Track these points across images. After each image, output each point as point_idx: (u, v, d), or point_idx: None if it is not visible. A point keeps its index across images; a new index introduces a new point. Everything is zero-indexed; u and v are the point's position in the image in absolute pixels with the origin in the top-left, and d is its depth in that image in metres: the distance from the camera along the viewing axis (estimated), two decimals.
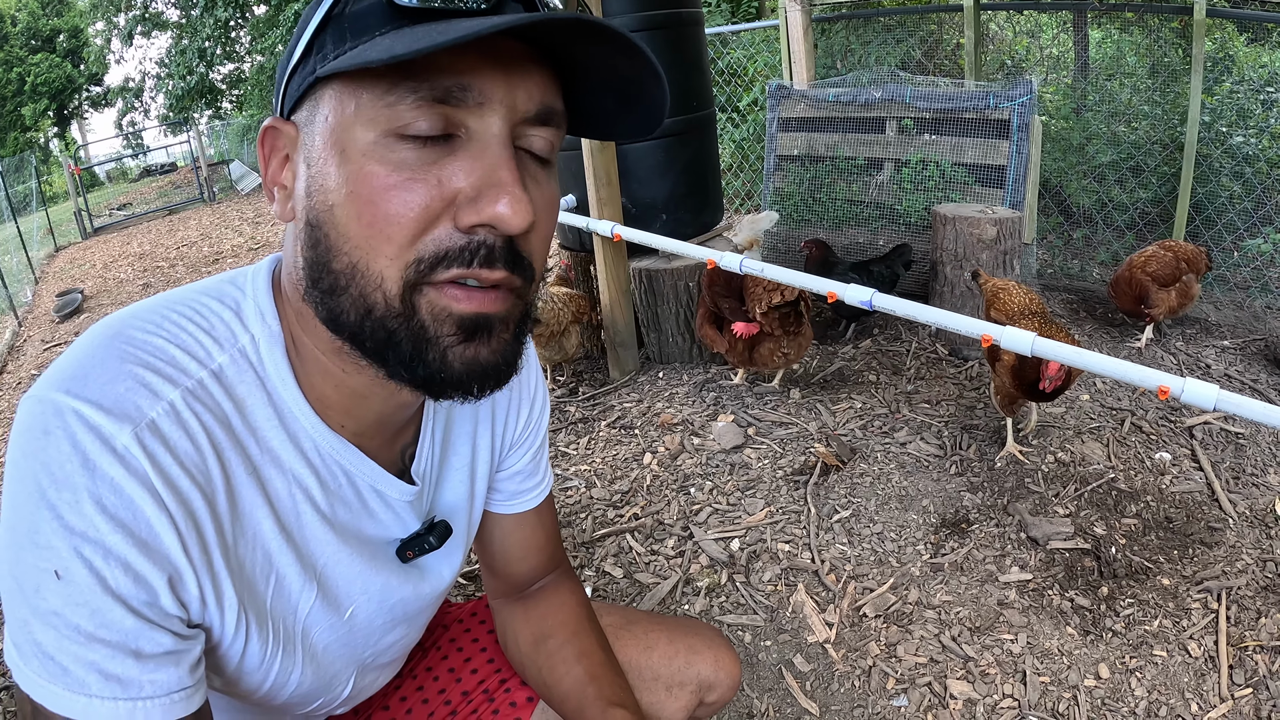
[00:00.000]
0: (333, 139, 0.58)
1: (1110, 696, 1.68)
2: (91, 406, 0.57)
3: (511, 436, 0.93)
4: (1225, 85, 4.14)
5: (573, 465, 2.73)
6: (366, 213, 0.56)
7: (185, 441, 0.60)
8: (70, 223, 12.67)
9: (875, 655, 1.83)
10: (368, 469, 0.74)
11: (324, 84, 0.59)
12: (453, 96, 0.55)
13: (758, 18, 7.62)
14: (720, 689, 1.11)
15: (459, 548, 0.90)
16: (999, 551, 2.10)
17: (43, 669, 0.56)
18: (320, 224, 0.59)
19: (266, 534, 0.67)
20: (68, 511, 0.55)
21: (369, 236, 0.57)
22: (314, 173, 0.59)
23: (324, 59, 0.58)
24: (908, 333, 3.46)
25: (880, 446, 2.61)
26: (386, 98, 0.55)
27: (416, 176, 0.56)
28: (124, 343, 0.61)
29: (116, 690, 0.56)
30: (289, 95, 0.62)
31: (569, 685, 0.94)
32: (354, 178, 0.57)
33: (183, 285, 0.71)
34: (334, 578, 0.75)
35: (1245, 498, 2.24)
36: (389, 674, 0.97)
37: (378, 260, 0.57)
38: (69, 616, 0.55)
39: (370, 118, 0.56)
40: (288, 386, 0.67)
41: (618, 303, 3.21)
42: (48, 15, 22.24)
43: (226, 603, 0.64)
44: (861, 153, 4.15)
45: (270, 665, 0.71)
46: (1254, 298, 3.65)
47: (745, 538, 2.25)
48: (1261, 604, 1.86)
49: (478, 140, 0.57)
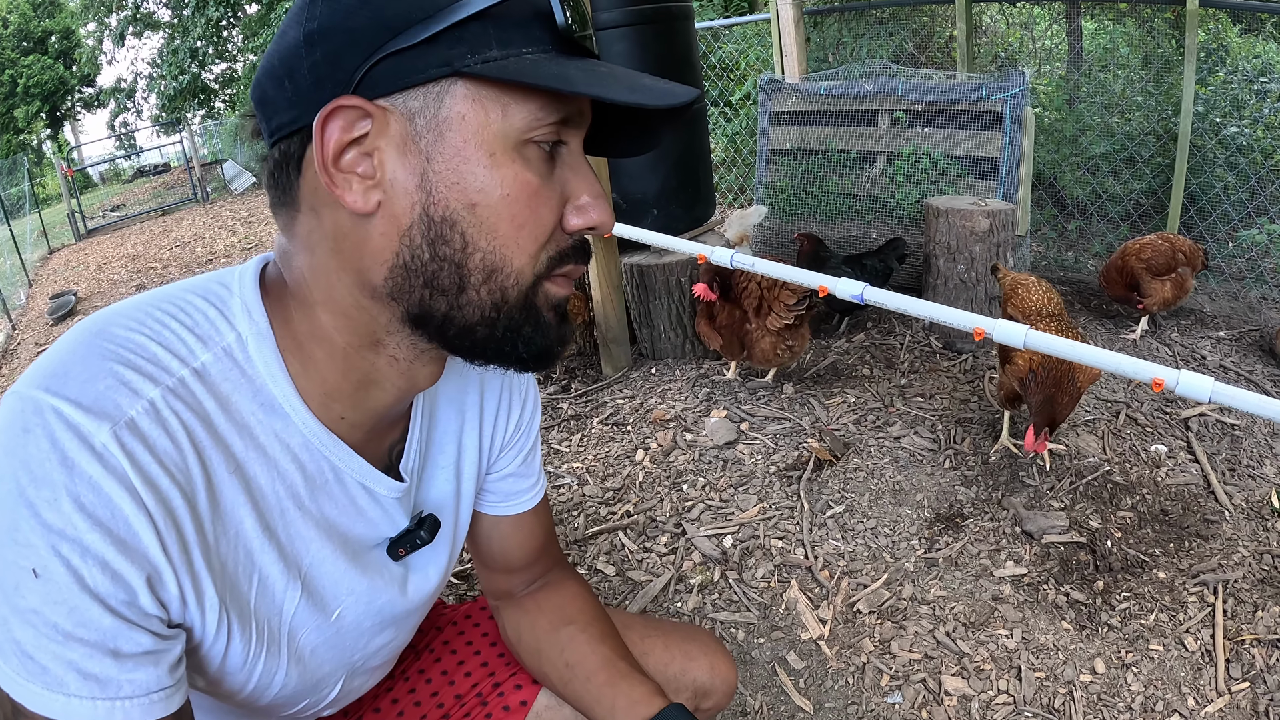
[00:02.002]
0: (477, 139, 0.59)
1: (1106, 691, 1.66)
2: (70, 404, 0.56)
3: (501, 439, 0.93)
4: (1219, 76, 4.13)
5: (565, 463, 2.71)
6: (521, 214, 0.61)
7: (165, 440, 0.59)
8: (63, 225, 12.64)
9: (869, 651, 1.81)
10: (356, 464, 0.73)
11: (456, 79, 0.58)
12: (573, 120, 0.63)
13: (749, 11, 7.61)
14: (716, 695, 1.10)
15: (446, 546, 0.89)
16: (994, 546, 2.08)
17: (21, 667, 0.55)
18: (454, 221, 0.60)
19: (249, 532, 0.66)
20: (46, 509, 0.54)
21: (517, 236, 0.62)
22: (446, 168, 0.59)
23: (463, 55, 0.57)
24: (901, 326, 3.44)
25: (874, 441, 2.59)
26: (539, 113, 0.60)
27: (551, 185, 0.63)
28: (105, 340, 0.61)
29: (95, 689, 0.56)
30: (385, 76, 0.57)
31: (597, 661, 0.94)
32: (510, 180, 0.60)
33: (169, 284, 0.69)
34: (319, 577, 0.74)
35: (1241, 490, 2.23)
36: (377, 677, 0.97)
37: (519, 257, 0.62)
38: (47, 615, 0.55)
39: (518, 127, 0.59)
40: (277, 382, 0.66)
41: (609, 299, 3.19)
42: (39, 17, 22.15)
43: (207, 602, 0.63)
44: (854, 146, 4.13)
45: (254, 666, 0.71)
46: (1249, 289, 3.65)
47: (738, 534, 2.23)
48: (1258, 597, 1.85)
49: (571, 156, 0.65)
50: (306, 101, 0.59)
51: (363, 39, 0.57)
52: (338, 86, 0.58)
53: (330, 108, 0.57)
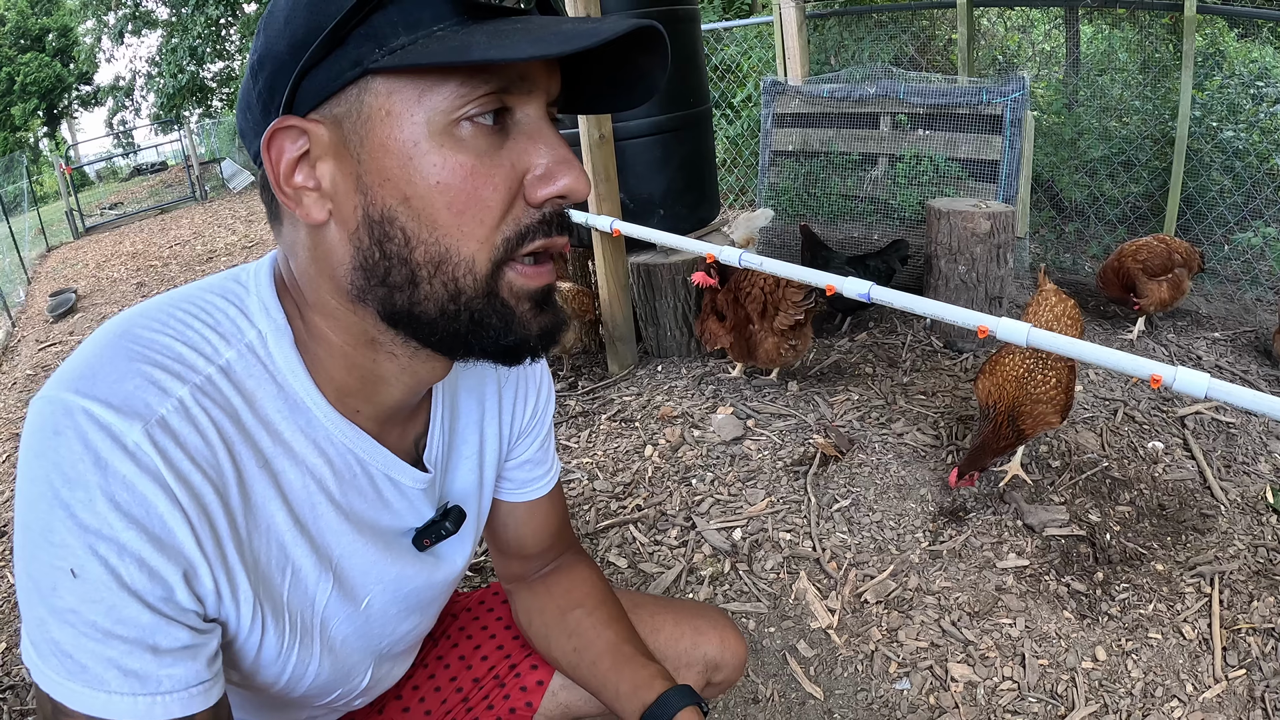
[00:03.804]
0: (399, 131, 0.58)
1: (1107, 678, 1.71)
2: (101, 405, 0.57)
3: (519, 426, 0.95)
4: (1216, 80, 4.18)
5: (574, 458, 2.75)
6: (458, 200, 0.59)
7: (195, 437, 0.60)
8: (62, 222, 12.60)
9: (877, 640, 1.86)
10: (381, 457, 0.74)
11: (371, 77, 0.57)
12: (514, 86, 0.59)
13: (751, 14, 7.65)
14: (727, 669, 1.12)
15: (471, 535, 0.91)
16: (996, 539, 2.14)
17: (61, 667, 0.56)
18: (392, 218, 0.59)
19: (280, 526, 0.68)
20: (81, 510, 0.55)
21: (460, 223, 0.59)
22: (374, 167, 0.59)
23: (371, 52, 0.56)
24: (903, 326, 3.50)
25: (878, 437, 2.64)
26: (460, 90, 0.57)
27: (495, 161, 0.60)
28: (131, 341, 0.62)
29: (135, 686, 0.57)
30: (307, 92, 0.59)
31: (603, 645, 0.97)
32: (438, 167, 0.58)
33: (181, 284, 0.70)
34: (350, 568, 0.75)
35: (1237, 485, 2.28)
36: (404, 663, 0.99)
37: (468, 244, 0.60)
38: (86, 614, 0.56)
39: (443, 109, 0.57)
40: (299, 378, 0.67)
41: (616, 297, 3.23)
42: (37, 14, 22.08)
43: (242, 595, 0.65)
44: (856, 148, 4.18)
45: (288, 657, 0.72)
46: (1244, 290, 3.70)
47: (747, 527, 2.28)
48: (1253, 588, 1.90)
49: (528, 123, 0.61)
50: (259, 128, 0.62)
51: (287, 60, 0.59)
52: (277, 110, 0.60)
53: (269, 132, 0.60)
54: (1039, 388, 2.17)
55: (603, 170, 3.03)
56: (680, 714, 0.87)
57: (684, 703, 0.88)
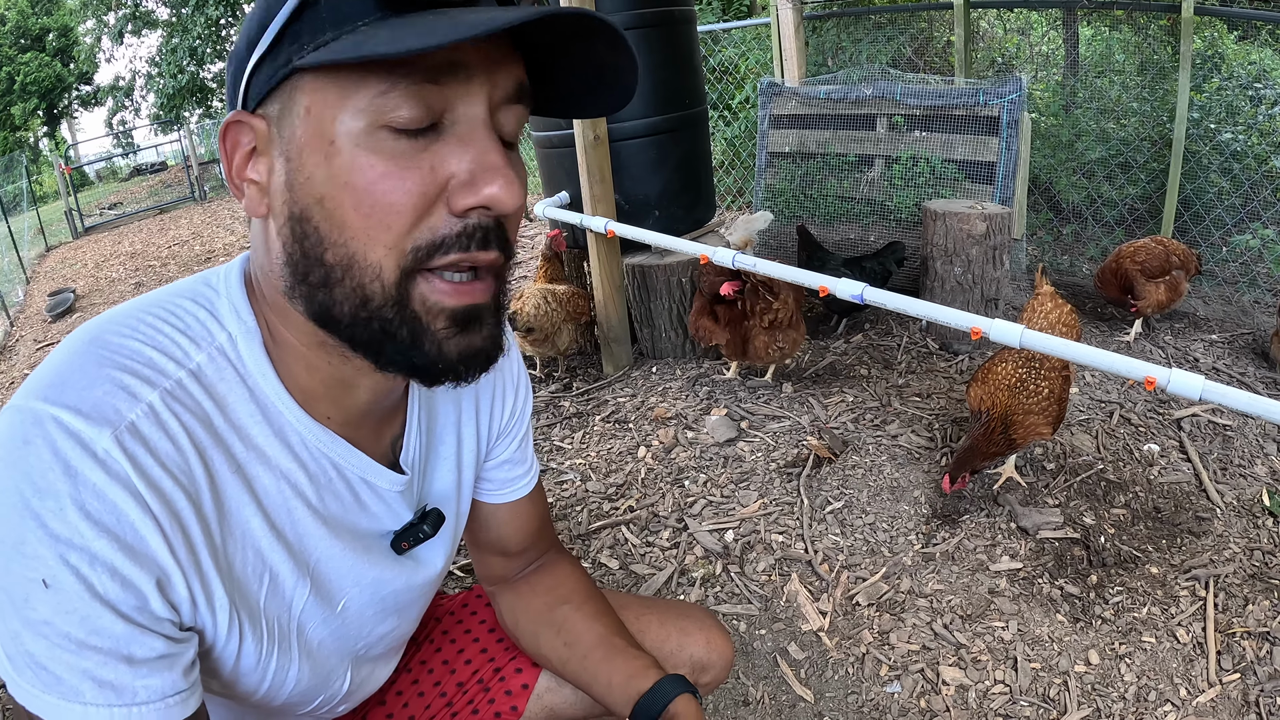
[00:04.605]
0: (318, 130, 0.57)
1: (1100, 682, 1.70)
2: (70, 412, 0.56)
3: (498, 427, 0.94)
4: (1214, 82, 4.18)
5: (568, 459, 2.74)
6: (365, 202, 0.57)
7: (166, 442, 0.60)
8: (61, 222, 12.61)
9: (868, 643, 1.85)
10: (356, 460, 0.74)
11: (300, 75, 0.57)
12: (444, 75, 0.56)
13: (749, 15, 7.65)
14: (714, 669, 1.11)
15: (450, 537, 0.91)
16: (989, 541, 2.12)
17: (36, 679, 0.56)
18: (308, 217, 0.59)
19: (256, 532, 0.67)
20: (52, 519, 0.54)
21: (367, 227, 0.57)
22: (297, 165, 0.58)
23: (300, 49, 0.56)
24: (898, 327, 3.48)
25: (872, 439, 2.63)
26: (379, 86, 0.55)
27: (411, 164, 0.57)
28: (100, 348, 0.61)
29: (111, 697, 0.56)
30: (254, 88, 0.60)
31: (593, 639, 0.96)
32: (349, 168, 0.56)
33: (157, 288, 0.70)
34: (327, 572, 0.74)
35: (1233, 488, 2.27)
36: (385, 668, 0.98)
37: (375, 250, 0.58)
38: (59, 625, 0.55)
39: (360, 107, 0.56)
40: (269, 381, 0.67)
41: (611, 299, 3.22)
42: (37, 14, 22.10)
43: (217, 603, 0.64)
44: (852, 149, 4.17)
45: (267, 665, 0.72)
46: (1241, 292, 3.69)
47: (739, 529, 2.26)
48: (1248, 591, 1.89)
49: (463, 125, 0.58)
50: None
51: (244, 56, 0.60)
52: (234, 106, 0.62)
53: (223, 125, 0.62)
54: (1031, 398, 2.15)
55: (598, 171, 3.02)
56: (676, 700, 0.87)
57: (678, 690, 0.88)
